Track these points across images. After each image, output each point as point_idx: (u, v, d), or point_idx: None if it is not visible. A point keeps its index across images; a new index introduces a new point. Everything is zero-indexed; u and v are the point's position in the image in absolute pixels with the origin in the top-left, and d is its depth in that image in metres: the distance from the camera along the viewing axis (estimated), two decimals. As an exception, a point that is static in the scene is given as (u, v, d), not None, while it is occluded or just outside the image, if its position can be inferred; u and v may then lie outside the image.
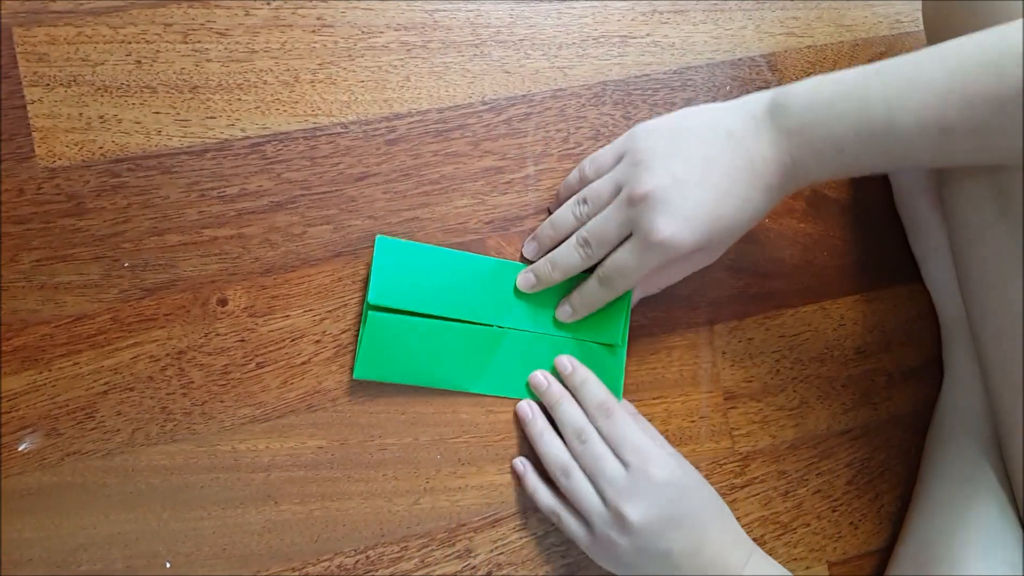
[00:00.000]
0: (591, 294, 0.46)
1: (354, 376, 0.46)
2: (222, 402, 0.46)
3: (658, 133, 0.43)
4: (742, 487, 0.51)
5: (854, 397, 0.53)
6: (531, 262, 0.48)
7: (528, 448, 0.48)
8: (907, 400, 0.54)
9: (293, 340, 0.47)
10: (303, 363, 0.47)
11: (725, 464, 0.51)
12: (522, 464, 0.48)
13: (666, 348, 0.50)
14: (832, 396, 0.53)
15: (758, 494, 0.51)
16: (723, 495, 0.50)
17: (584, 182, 0.46)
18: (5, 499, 0.44)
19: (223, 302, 0.46)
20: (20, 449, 0.44)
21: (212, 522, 0.46)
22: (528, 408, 0.48)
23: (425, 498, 0.48)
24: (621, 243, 0.43)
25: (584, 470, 0.45)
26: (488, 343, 0.47)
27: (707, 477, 0.50)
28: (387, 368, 0.46)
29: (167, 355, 0.45)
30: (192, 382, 0.46)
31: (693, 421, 0.51)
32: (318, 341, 0.47)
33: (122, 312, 0.45)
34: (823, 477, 0.52)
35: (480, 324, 0.47)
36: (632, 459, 0.43)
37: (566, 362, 0.47)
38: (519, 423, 0.48)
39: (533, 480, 0.47)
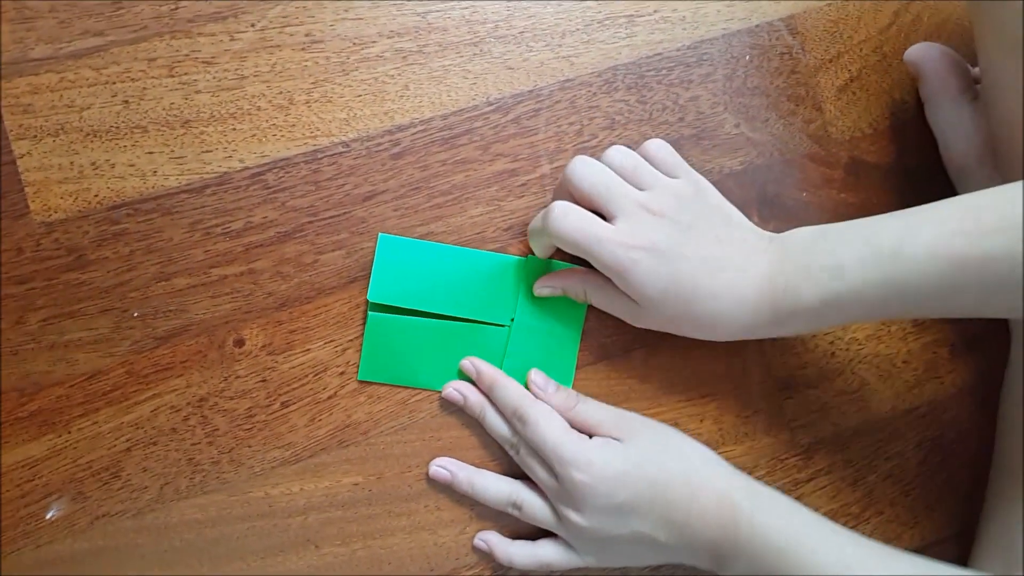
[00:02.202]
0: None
1: (358, 378, 0.44)
2: (250, 447, 0.44)
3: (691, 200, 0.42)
4: (807, 481, 0.48)
5: (917, 373, 0.49)
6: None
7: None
8: (974, 370, 0.50)
9: (316, 374, 0.44)
10: (329, 397, 0.44)
11: (786, 459, 0.48)
12: (443, 468, 0.45)
13: (710, 342, 0.47)
14: (894, 374, 0.49)
15: (825, 487, 0.48)
16: (787, 491, 0.47)
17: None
18: (37, 570, 0.42)
19: (240, 343, 0.44)
20: (48, 517, 0.42)
21: (252, 572, 0.44)
22: (456, 392, 0.45)
23: (472, 526, 0.45)
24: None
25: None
26: (492, 342, 0.45)
27: (768, 475, 0.47)
28: (391, 370, 0.45)
29: (188, 404, 0.43)
30: (217, 429, 0.44)
31: (747, 416, 0.47)
32: (343, 373, 0.44)
33: (137, 364, 0.43)
34: (892, 461, 0.49)
35: (483, 323, 0.45)
36: (555, 468, 0.41)
37: (468, 365, 0.45)
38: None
39: (467, 475, 0.44)
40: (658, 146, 0.43)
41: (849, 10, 0.50)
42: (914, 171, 0.50)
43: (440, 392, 0.45)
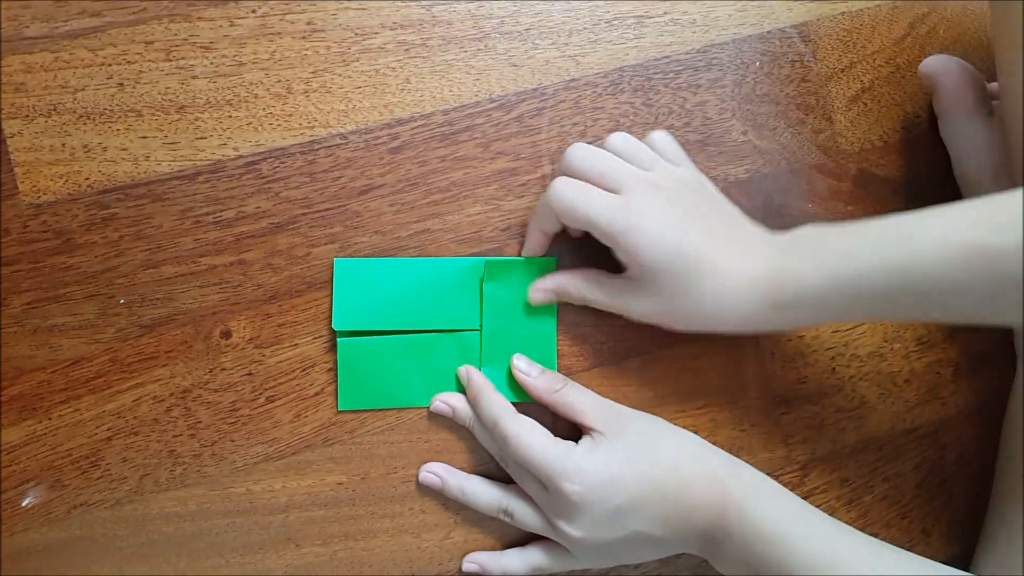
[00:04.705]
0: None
1: (338, 408, 0.43)
2: (233, 441, 0.43)
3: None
4: (802, 499, 0.46)
5: (919, 392, 0.48)
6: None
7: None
8: (977, 391, 0.49)
9: (304, 370, 0.43)
10: (316, 394, 0.43)
11: (782, 475, 0.46)
12: (434, 473, 0.44)
13: (708, 353, 0.46)
14: (895, 393, 0.48)
15: (820, 505, 0.46)
16: (781, 509, 0.46)
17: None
18: (11, 558, 0.41)
19: (227, 334, 0.43)
20: (24, 504, 0.42)
21: (231, 570, 0.43)
22: (444, 404, 0.44)
23: (457, 531, 0.44)
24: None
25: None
26: (468, 348, 0.44)
27: (762, 491, 0.46)
28: (372, 394, 0.43)
29: (171, 395, 0.43)
30: (199, 422, 0.43)
31: (743, 430, 0.46)
32: (331, 369, 0.43)
33: (121, 352, 0.42)
34: (890, 482, 0.48)
35: (453, 331, 0.44)
36: (543, 480, 0.40)
37: (464, 372, 0.44)
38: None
39: (458, 481, 0.43)
40: (662, 136, 0.43)
41: (863, 20, 0.49)
42: (924, 186, 0.49)
43: (428, 407, 0.44)
